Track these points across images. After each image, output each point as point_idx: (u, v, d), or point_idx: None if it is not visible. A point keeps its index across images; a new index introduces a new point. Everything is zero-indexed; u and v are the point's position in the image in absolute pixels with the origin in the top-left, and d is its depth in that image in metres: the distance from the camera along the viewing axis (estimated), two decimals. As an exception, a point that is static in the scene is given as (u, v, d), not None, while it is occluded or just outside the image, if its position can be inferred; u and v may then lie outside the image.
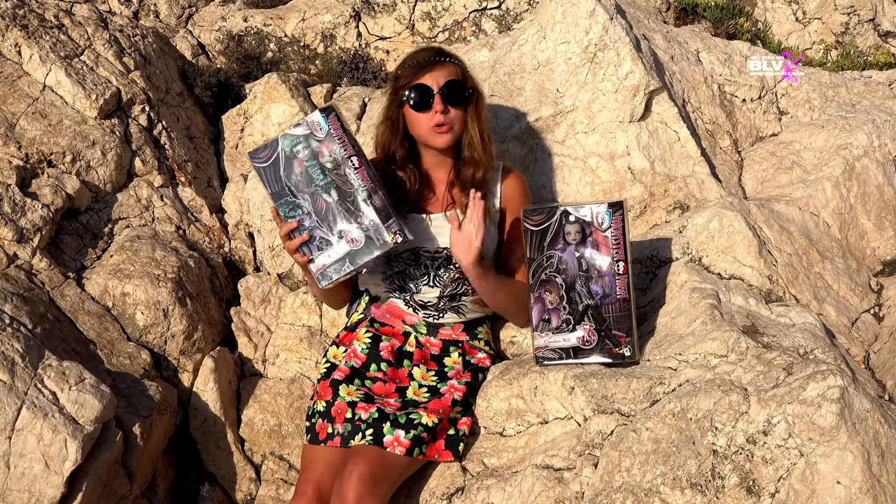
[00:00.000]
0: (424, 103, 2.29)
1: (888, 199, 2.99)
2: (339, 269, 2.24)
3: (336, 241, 2.22)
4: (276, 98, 3.40)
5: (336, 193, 2.21)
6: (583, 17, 2.83)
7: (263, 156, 2.21)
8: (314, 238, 2.22)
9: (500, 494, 2.08)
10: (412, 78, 2.30)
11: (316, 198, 2.21)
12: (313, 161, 2.20)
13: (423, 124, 2.31)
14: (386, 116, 2.39)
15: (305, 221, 2.22)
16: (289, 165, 2.20)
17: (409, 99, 2.30)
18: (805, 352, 2.08)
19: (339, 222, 2.21)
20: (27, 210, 2.66)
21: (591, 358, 2.20)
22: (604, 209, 2.19)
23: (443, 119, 2.29)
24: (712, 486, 1.84)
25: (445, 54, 2.36)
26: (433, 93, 2.28)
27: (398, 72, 2.37)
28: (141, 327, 2.68)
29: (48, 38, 3.12)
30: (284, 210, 2.22)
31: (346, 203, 2.21)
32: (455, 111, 2.31)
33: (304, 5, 3.98)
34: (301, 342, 2.86)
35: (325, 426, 2.28)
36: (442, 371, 2.38)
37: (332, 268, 2.24)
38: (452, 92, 2.29)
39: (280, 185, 2.21)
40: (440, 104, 2.28)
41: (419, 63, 2.31)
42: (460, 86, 2.31)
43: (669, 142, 2.89)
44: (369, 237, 2.21)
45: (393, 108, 2.37)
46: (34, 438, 2.08)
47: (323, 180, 2.20)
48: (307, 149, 2.20)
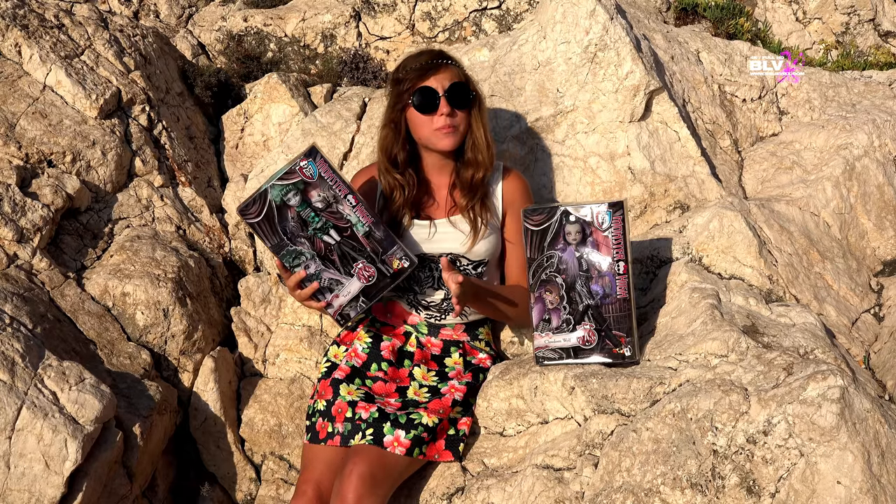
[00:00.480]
0: (430, 106, 2.28)
1: (888, 199, 2.99)
2: (356, 306, 2.24)
3: (346, 280, 2.22)
4: (277, 98, 3.40)
5: (335, 232, 2.19)
6: (583, 17, 2.83)
7: (254, 211, 2.16)
8: (322, 280, 2.21)
9: (500, 494, 2.08)
10: (416, 81, 2.29)
11: (315, 241, 2.19)
12: (304, 205, 2.18)
13: (427, 127, 2.31)
14: (389, 119, 2.38)
15: (311, 267, 2.20)
16: (281, 214, 2.17)
17: (414, 102, 2.29)
18: (805, 352, 2.08)
19: (345, 259, 2.21)
20: (27, 210, 2.66)
21: (591, 358, 2.20)
22: (604, 209, 2.19)
23: (449, 122, 2.28)
24: (712, 486, 1.84)
25: (447, 56, 2.35)
26: (439, 95, 2.27)
27: (400, 74, 2.35)
28: (141, 327, 2.68)
29: (48, 38, 3.12)
30: (288, 260, 2.20)
31: (348, 241, 2.20)
32: (461, 113, 2.31)
33: (304, 5, 3.98)
34: (301, 342, 2.86)
35: (325, 425, 2.28)
36: (443, 371, 2.38)
37: (349, 307, 2.24)
38: (457, 94, 2.29)
39: (278, 237, 2.18)
40: (446, 106, 2.28)
41: (422, 66, 2.30)
42: (465, 88, 2.31)
43: (670, 142, 2.89)
44: (380, 269, 2.21)
45: (396, 112, 2.35)
46: (34, 438, 2.08)
47: (318, 222, 2.18)
48: (297, 194, 2.17)
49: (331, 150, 3.12)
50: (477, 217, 2.35)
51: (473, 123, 2.35)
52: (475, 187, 2.35)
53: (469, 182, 2.36)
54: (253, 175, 3.17)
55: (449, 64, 2.33)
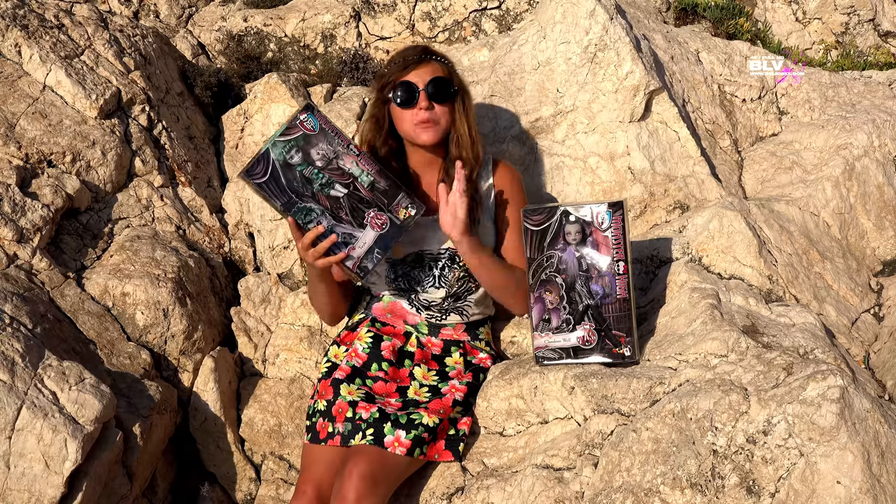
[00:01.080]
0: (409, 100, 2.29)
1: (888, 199, 2.99)
2: (372, 257, 2.21)
3: (360, 232, 2.20)
4: (277, 98, 3.40)
5: (341, 187, 2.19)
6: (583, 17, 2.83)
7: (259, 171, 2.14)
8: (337, 235, 2.19)
9: (500, 494, 2.08)
10: (398, 75, 2.32)
11: (320, 197, 2.18)
12: (305, 163, 2.17)
13: (408, 121, 2.32)
14: (371, 114, 2.41)
15: (323, 222, 2.18)
16: (286, 172, 2.16)
17: (394, 96, 2.31)
18: (805, 352, 2.08)
19: (356, 212, 2.19)
20: (27, 210, 2.66)
21: (591, 358, 2.20)
22: (604, 209, 2.19)
23: (427, 116, 2.29)
24: (712, 486, 1.84)
25: (431, 52, 2.37)
26: (418, 90, 2.29)
27: (384, 69, 2.39)
28: (141, 327, 2.68)
29: (48, 38, 3.12)
30: (300, 217, 2.17)
31: (355, 193, 2.19)
32: (440, 108, 2.32)
33: (304, 5, 3.98)
34: (301, 342, 2.86)
35: (325, 425, 2.28)
36: (443, 371, 2.38)
37: (366, 259, 2.21)
38: (438, 89, 2.30)
39: (287, 195, 2.16)
40: (425, 101, 2.29)
41: (405, 61, 2.33)
42: (446, 83, 2.32)
43: (669, 142, 2.89)
44: (390, 218, 2.21)
45: (378, 106, 2.38)
46: (34, 438, 2.08)
47: (323, 178, 2.18)
48: (298, 152, 2.16)
49: (331, 150, 3.12)
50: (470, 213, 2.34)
51: (457, 118, 2.35)
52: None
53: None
54: (253, 175, 3.17)
55: (432, 59, 2.34)
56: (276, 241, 3.06)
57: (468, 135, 2.35)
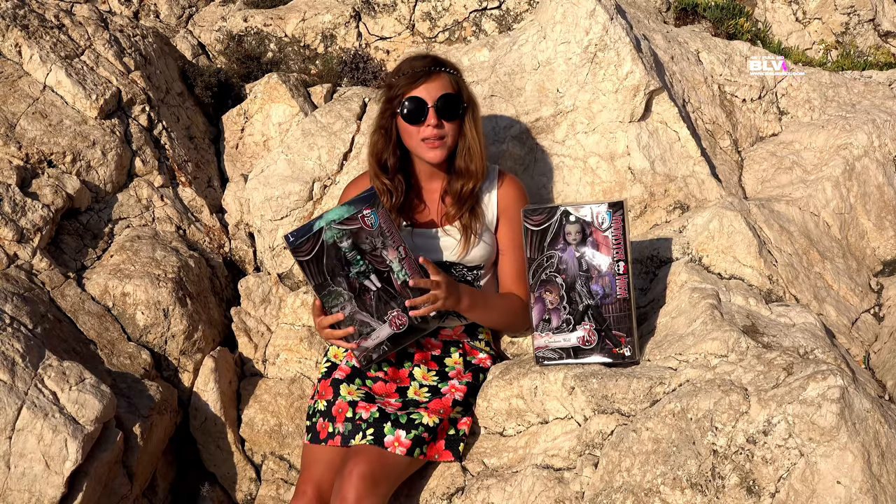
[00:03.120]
0: (418, 116, 2.26)
1: (888, 199, 2.99)
2: (380, 349, 2.24)
3: (378, 325, 2.21)
4: (277, 98, 3.40)
5: (376, 278, 2.18)
6: (583, 17, 2.83)
7: (306, 249, 2.14)
8: (355, 322, 2.21)
9: (500, 494, 2.08)
10: (406, 89, 2.27)
11: (352, 281, 2.18)
12: (353, 248, 2.16)
13: (416, 137, 2.30)
14: (379, 125, 2.37)
15: (346, 308, 2.20)
16: (330, 252, 2.16)
17: (402, 111, 2.28)
18: (805, 352, 2.08)
19: (381, 306, 2.20)
20: (27, 210, 2.66)
21: (591, 358, 2.20)
22: (604, 209, 2.19)
23: (436, 133, 2.27)
24: (712, 486, 1.84)
25: (441, 63, 2.33)
26: (427, 106, 2.26)
27: (392, 80, 2.34)
28: (141, 327, 2.68)
29: (48, 38, 3.12)
30: (328, 301, 2.19)
31: (386, 288, 2.19)
32: (449, 125, 2.29)
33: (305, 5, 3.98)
34: (301, 342, 2.86)
35: (325, 425, 2.28)
36: (443, 371, 2.38)
37: (374, 350, 2.23)
38: (447, 106, 2.27)
39: (322, 277, 2.17)
40: (434, 118, 2.26)
41: (414, 73, 2.28)
42: (455, 99, 2.28)
43: (669, 142, 2.89)
44: (410, 318, 2.21)
45: (386, 118, 2.35)
46: (34, 438, 2.08)
47: (362, 266, 2.17)
48: (349, 238, 2.15)
49: (331, 150, 3.12)
50: (467, 227, 2.34)
51: (467, 132, 2.33)
52: (465, 199, 2.35)
53: (459, 193, 2.35)
54: (253, 175, 3.17)
55: (441, 71, 2.30)
56: (277, 241, 3.06)
57: (478, 148, 2.33)
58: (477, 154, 2.33)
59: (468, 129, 2.33)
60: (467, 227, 2.34)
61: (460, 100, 2.30)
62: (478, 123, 2.36)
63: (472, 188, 2.34)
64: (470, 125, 2.33)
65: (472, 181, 2.34)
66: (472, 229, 2.34)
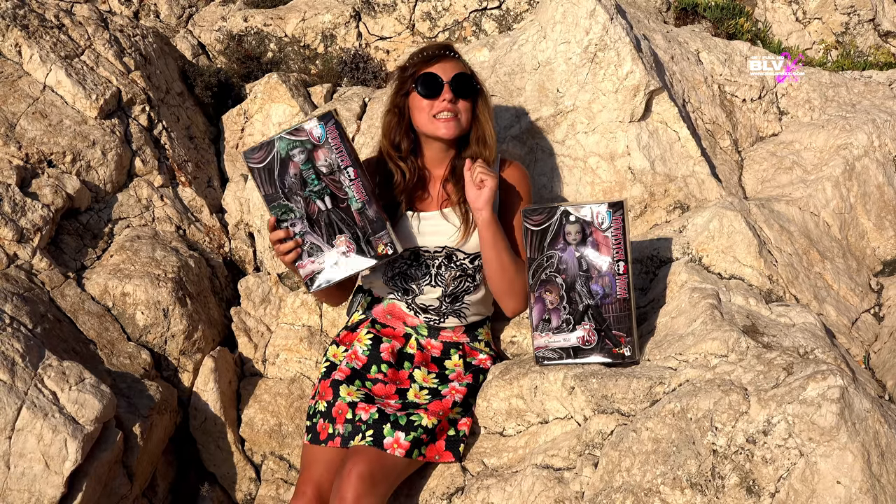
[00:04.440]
0: (433, 91, 2.30)
1: (888, 199, 2.99)
2: (329, 275, 2.22)
3: (327, 248, 2.21)
4: (277, 98, 3.40)
5: (329, 200, 2.20)
6: (583, 17, 2.83)
7: (258, 157, 2.17)
8: (305, 243, 2.21)
9: (500, 494, 2.08)
10: (421, 67, 2.33)
11: (309, 202, 2.19)
12: (308, 165, 2.18)
13: (427, 113, 2.32)
14: (393, 104, 2.40)
15: (297, 226, 2.20)
16: (283, 167, 2.18)
17: (417, 86, 2.31)
18: (805, 352, 2.08)
19: (331, 229, 2.21)
20: (27, 210, 2.66)
21: (591, 358, 2.20)
22: (604, 209, 2.19)
23: (450, 107, 2.30)
24: (712, 486, 1.84)
25: (454, 50, 2.39)
26: (443, 82, 2.30)
27: (407, 62, 2.39)
28: (141, 327, 2.68)
29: (48, 38, 3.12)
30: (276, 212, 2.20)
31: (339, 211, 2.20)
32: (463, 103, 2.33)
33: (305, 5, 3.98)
34: (301, 342, 2.86)
35: (325, 426, 2.28)
36: (443, 373, 2.38)
37: (321, 275, 2.23)
38: (462, 83, 2.31)
39: (274, 188, 2.18)
40: (449, 93, 2.30)
41: (429, 54, 2.34)
42: (469, 78, 2.33)
43: (669, 142, 2.89)
44: (360, 247, 2.21)
45: (399, 97, 2.38)
46: (34, 438, 2.08)
47: (317, 185, 2.18)
48: (303, 152, 2.17)
49: (331, 150, 3.12)
50: (468, 214, 2.35)
51: (481, 116, 2.37)
52: None
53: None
54: (253, 175, 3.17)
55: (455, 57, 2.37)
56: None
57: (491, 133, 2.36)
58: (491, 139, 2.36)
59: (481, 113, 2.36)
60: (468, 214, 2.34)
61: (474, 80, 2.35)
62: (490, 112, 2.39)
63: None
64: (483, 110, 2.37)
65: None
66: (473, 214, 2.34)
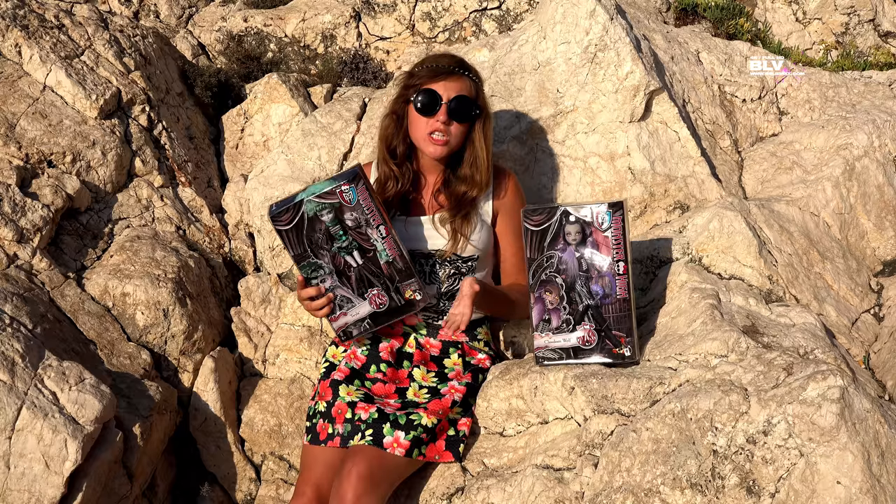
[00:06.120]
0: (430, 109, 2.28)
1: (888, 199, 2.99)
2: (361, 326, 2.27)
3: (358, 301, 2.24)
4: (277, 98, 3.40)
5: (358, 254, 2.20)
6: (583, 18, 2.83)
7: (285, 219, 2.16)
8: (335, 297, 2.24)
9: (500, 494, 2.08)
10: (425, 80, 2.30)
11: (336, 257, 2.20)
12: (335, 222, 2.17)
13: (422, 129, 2.31)
14: (392, 109, 2.39)
15: (327, 281, 2.22)
16: (311, 226, 2.17)
17: (415, 100, 2.29)
18: (805, 352, 2.08)
19: (362, 283, 2.22)
20: (27, 210, 2.66)
21: (591, 358, 2.20)
22: (604, 209, 2.19)
23: (442, 129, 2.29)
24: (712, 486, 1.84)
25: (466, 67, 2.35)
26: (441, 102, 2.28)
27: (415, 69, 2.36)
28: (141, 327, 2.68)
29: (48, 38, 3.12)
30: (307, 271, 2.22)
31: (368, 264, 2.21)
32: (457, 126, 2.31)
33: (305, 5, 3.98)
34: (301, 342, 2.86)
35: (325, 426, 2.28)
36: (442, 372, 2.38)
37: (353, 326, 2.27)
38: (460, 107, 2.29)
39: (302, 247, 2.19)
40: (444, 115, 2.28)
41: (437, 68, 2.31)
42: (469, 102, 2.30)
43: (669, 142, 2.89)
44: (392, 297, 2.24)
45: (399, 103, 2.37)
46: (34, 438, 2.08)
47: (345, 241, 2.19)
48: (331, 212, 2.17)
49: (331, 151, 3.12)
50: (457, 231, 2.35)
51: (476, 140, 2.35)
52: (463, 204, 2.36)
53: (460, 197, 2.36)
54: (253, 175, 3.17)
55: (463, 74, 2.32)
56: (276, 241, 3.05)
57: (485, 159, 2.35)
58: (483, 164, 2.35)
59: (477, 137, 2.35)
60: (457, 231, 2.35)
61: (474, 105, 2.32)
62: (488, 134, 2.37)
63: (474, 198, 2.36)
64: (479, 134, 2.35)
65: (476, 190, 2.35)
66: (461, 233, 2.35)
